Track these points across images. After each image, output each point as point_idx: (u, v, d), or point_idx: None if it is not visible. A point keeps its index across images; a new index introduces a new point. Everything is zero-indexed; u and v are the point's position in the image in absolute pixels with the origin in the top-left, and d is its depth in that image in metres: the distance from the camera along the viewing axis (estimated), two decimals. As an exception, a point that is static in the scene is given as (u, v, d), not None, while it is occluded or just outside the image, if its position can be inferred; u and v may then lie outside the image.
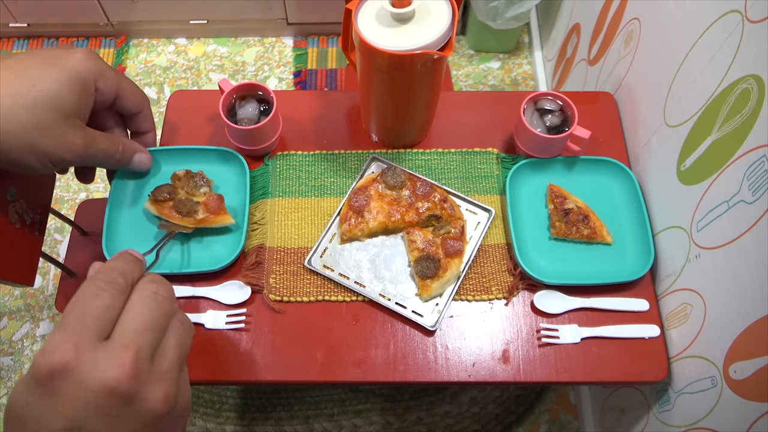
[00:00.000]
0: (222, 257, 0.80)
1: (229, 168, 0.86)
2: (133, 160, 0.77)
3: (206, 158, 0.86)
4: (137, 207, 0.82)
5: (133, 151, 0.76)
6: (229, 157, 0.85)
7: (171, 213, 0.78)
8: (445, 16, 0.71)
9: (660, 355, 0.79)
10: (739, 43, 0.65)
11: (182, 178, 0.81)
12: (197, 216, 0.79)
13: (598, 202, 0.86)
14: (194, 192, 0.80)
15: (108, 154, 0.71)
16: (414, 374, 0.77)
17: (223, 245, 0.81)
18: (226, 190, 0.84)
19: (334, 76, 1.76)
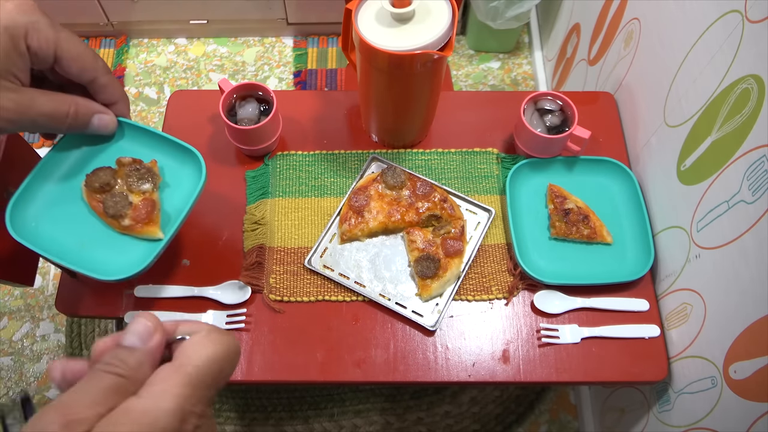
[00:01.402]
0: (127, 265, 0.65)
1: (185, 167, 0.71)
2: (91, 123, 0.63)
3: (165, 149, 0.70)
4: (74, 179, 0.68)
5: (91, 112, 0.62)
6: (188, 156, 0.70)
7: (99, 207, 0.67)
8: (445, 16, 0.71)
9: (660, 355, 0.79)
10: (739, 43, 0.65)
11: (126, 166, 0.68)
12: (123, 222, 0.67)
13: (598, 202, 0.86)
14: (133, 187, 0.68)
15: (54, 117, 0.58)
16: (414, 374, 0.77)
17: (135, 251, 0.67)
18: (173, 191, 0.70)
19: (334, 76, 1.76)
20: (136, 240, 0.68)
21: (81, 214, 0.68)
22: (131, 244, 0.67)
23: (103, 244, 0.67)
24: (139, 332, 0.40)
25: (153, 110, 1.71)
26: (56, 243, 0.66)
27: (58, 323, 1.45)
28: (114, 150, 0.69)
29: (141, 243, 0.67)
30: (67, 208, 0.68)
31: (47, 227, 0.66)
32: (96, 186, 0.67)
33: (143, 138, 0.70)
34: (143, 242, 0.68)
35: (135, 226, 0.67)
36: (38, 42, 0.56)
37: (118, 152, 0.69)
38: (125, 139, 0.69)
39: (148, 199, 0.68)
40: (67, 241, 0.66)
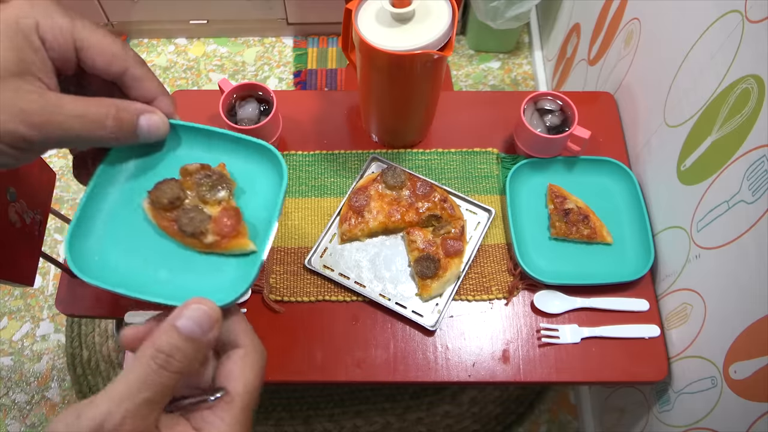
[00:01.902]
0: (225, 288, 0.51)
1: (258, 167, 0.58)
2: (139, 125, 0.49)
3: (233, 149, 0.58)
4: (133, 198, 0.55)
5: (136, 112, 0.49)
6: (263, 153, 0.56)
7: (171, 227, 0.54)
8: (445, 16, 0.71)
9: (660, 355, 0.79)
10: (739, 43, 0.65)
11: (194, 174, 0.56)
12: (205, 239, 0.54)
13: (598, 202, 0.86)
14: (207, 197, 0.55)
15: (90, 120, 0.46)
16: (414, 374, 0.77)
17: (228, 271, 0.53)
18: (250, 197, 0.57)
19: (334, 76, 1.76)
20: (224, 258, 0.54)
21: (150, 238, 0.54)
22: (220, 264, 0.54)
23: (186, 269, 0.54)
24: (199, 320, 0.39)
25: (153, 110, 1.70)
26: (130, 276, 0.52)
27: (58, 323, 1.45)
28: (171, 159, 0.56)
29: (230, 260, 0.54)
30: (132, 234, 0.54)
31: (114, 259, 0.53)
32: (164, 202, 0.54)
33: (201, 139, 0.57)
34: (232, 259, 0.54)
35: (221, 241, 0.54)
36: (52, 33, 0.47)
37: (177, 161, 0.56)
38: (181, 145, 0.56)
39: (228, 208, 0.55)
40: (142, 272, 0.53)
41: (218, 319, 0.40)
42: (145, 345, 0.38)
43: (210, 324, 0.39)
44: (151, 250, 0.54)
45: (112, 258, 0.53)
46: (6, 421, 1.35)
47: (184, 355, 0.38)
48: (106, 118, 0.47)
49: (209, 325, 0.39)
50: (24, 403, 1.37)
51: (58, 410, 1.36)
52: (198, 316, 0.39)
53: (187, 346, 0.38)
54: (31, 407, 1.36)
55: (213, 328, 0.39)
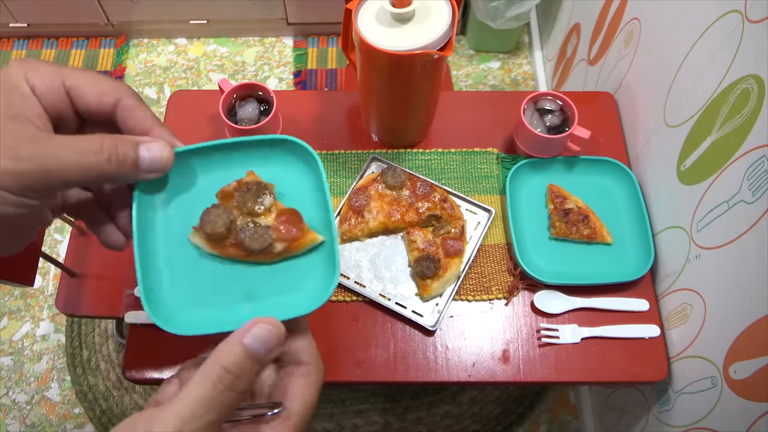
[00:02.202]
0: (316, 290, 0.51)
1: (287, 164, 0.55)
2: (140, 157, 0.45)
3: (250, 155, 0.54)
4: (176, 237, 0.52)
5: (133, 144, 0.45)
6: (286, 149, 0.54)
7: (237, 251, 0.52)
8: (445, 16, 0.71)
9: (660, 355, 0.79)
10: (739, 43, 0.65)
11: (234, 193, 0.53)
12: (274, 249, 0.52)
13: (598, 202, 0.86)
14: (256, 209, 0.53)
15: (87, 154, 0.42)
16: (414, 374, 0.77)
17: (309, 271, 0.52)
18: (292, 195, 0.55)
19: (334, 76, 1.76)
20: (296, 259, 0.53)
21: (217, 269, 0.52)
22: (296, 266, 0.53)
23: (267, 284, 0.52)
24: (266, 339, 0.39)
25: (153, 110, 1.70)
26: (216, 310, 0.50)
27: (58, 323, 1.45)
28: (197, 189, 0.53)
29: (302, 259, 0.53)
30: (198, 273, 0.52)
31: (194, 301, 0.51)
32: (222, 231, 0.51)
33: (216, 157, 0.53)
34: (305, 257, 0.53)
35: (290, 245, 0.53)
36: (41, 79, 0.45)
37: (204, 187, 0.53)
38: (200, 169, 0.53)
39: (282, 212, 0.53)
40: (225, 303, 0.51)
41: (283, 338, 0.40)
42: (210, 364, 0.37)
43: (277, 344, 0.39)
44: (224, 279, 0.52)
45: (192, 301, 0.51)
46: (6, 421, 1.35)
47: (249, 376, 0.38)
48: (102, 150, 0.43)
49: (275, 345, 0.39)
50: (24, 403, 1.36)
51: (58, 410, 1.36)
52: (265, 335, 0.38)
53: (253, 365, 0.38)
54: (31, 407, 1.36)
55: (277, 348, 0.39)
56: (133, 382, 0.77)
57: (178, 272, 0.51)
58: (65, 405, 1.37)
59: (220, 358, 0.37)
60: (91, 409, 1.35)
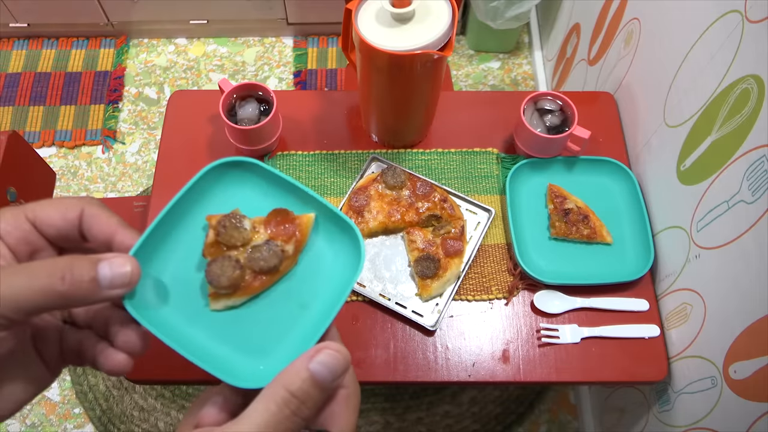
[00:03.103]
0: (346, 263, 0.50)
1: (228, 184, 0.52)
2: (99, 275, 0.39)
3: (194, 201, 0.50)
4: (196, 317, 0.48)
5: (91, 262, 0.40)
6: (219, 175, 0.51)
7: (264, 280, 0.49)
8: (445, 16, 0.71)
9: (660, 355, 0.79)
10: (739, 43, 0.65)
11: (216, 241, 0.49)
12: (289, 253, 0.50)
13: (598, 202, 0.86)
14: (246, 236, 0.50)
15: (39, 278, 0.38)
16: (414, 374, 0.77)
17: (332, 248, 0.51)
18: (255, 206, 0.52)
19: (334, 76, 1.76)
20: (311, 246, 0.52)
21: (259, 312, 0.49)
22: (316, 252, 0.52)
23: (305, 285, 0.51)
24: (333, 367, 0.37)
25: (153, 110, 1.71)
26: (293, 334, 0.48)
27: None
28: (180, 267, 0.49)
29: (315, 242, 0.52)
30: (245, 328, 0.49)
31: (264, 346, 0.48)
32: (237, 275, 0.48)
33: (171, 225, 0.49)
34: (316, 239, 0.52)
35: (297, 239, 0.51)
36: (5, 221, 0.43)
37: (187, 260, 0.50)
38: (167, 249, 0.49)
39: (264, 221, 0.51)
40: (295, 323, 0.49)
41: (349, 364, 0.39)
42: (275, 386, 0.37)
43: (343, 369, 0.38)
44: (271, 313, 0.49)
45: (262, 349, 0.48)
46: (6, 421, 1.35)
47: (314, 403, 0.37)
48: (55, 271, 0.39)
49: (341, 371, 0.38)
50: (24, 403, 1.36)
51: (58, 410, 1.36)
52: (331, 361, 0.37)
53: (318, 392, 0.37)
54: (31, 407, 1.36)
55: (344, 374, 0.38)
56: (134, 382, 0.77)
57: (227, 342, 0.47)
58: (65, 405, 1.37)
59: (288, 383, 0.36)
60: (91, 409, 1.35)
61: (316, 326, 0.46)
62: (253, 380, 0.42)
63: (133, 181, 1.60)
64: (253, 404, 0.36)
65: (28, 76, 1.73)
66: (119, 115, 1.70)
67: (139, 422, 1.34)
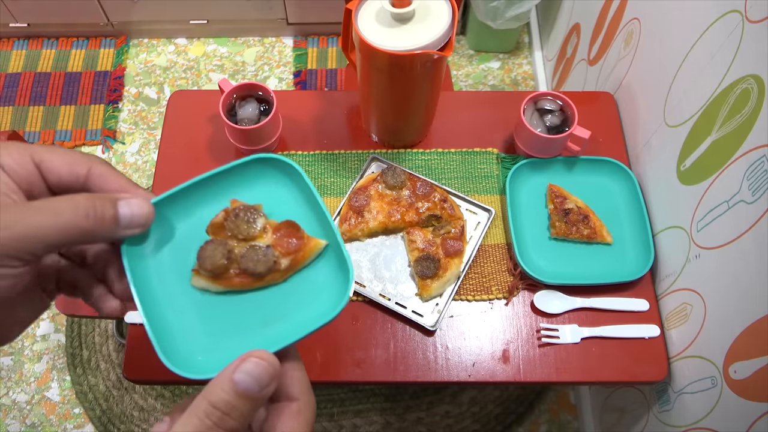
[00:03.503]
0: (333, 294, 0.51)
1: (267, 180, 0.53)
2: (119, 214, 0.44)
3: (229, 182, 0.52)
4: (178, 285, 0.50)
5: (112, 201, 0.44)
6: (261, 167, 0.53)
7: (244, 280, 0.50)
8: (445, 16, 0.71)
9: (660, 355, 0.79)
10: (739, 43, 0.65)
11: (224, 223, 0.51)
12: (281, 267, 0.50)
13: (598, 202, 0.86)
14: (251, 233, 0.51)
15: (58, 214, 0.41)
16: (414, 374, 0.77)
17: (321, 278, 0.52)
18: (282, 210, 0.53)
19: (334, 76, 1.76)
20: (306, 271, 0.52)
21: (227, 307, 0.50)
22: (308, 279, 0.52)
23: (283, 305, 0.51)
24: (257, 375, 0.36)
25: (153, 110, 1.71)
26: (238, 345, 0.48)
27: (58, 323, 1.45)
28: (185, 233, 0.51)
29: (312, 270, 0.52)
30: (209, 315, 0.50)
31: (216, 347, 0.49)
32: (222, 263, 0.49)
33: (198, 194, 0.51)
34: (314, 267, 0.52)
35: (297, 257, 0.51)
36: (10, 157, 0.45)
37: (194, 229, 0.51)
38: (182, 213, 0.51)
39: (276, 227, 0.52)
40: (244, 336, 0.49)
41: (278, 373, 0.38)
42: (199, 399, 0.36)
43: (269, 379, 0.37)
44: (237, 313, 0.50)
45: (208, 343, 0.49)
46: (6, 421, 1.35)
47: (240, 414, 0.36)
48: (79, 208, 0.42)
49: (268, 381, 0.37)
50: (24, 403, 1.37)
51: (58, 410, 1.36)
52: (256, 371, 0.36)
53: (243, 403, 0.36)
54: (31, 407, 1.36)
55: (271, 384, 0.37)
56: (133, 382, 0.77)
57: (188, 318, 0.49)
58: (65, 405, 1.37)
59: (209, 394, 0.36)
60: (91, 409, 1.35)
61: (269, 344, 0.44)
62: (183, 366, 0.44)
63: (133, 181, 1.60)
64: (181, 417, 0.36)
65: (28, 76, 1.73)
66: (119, 115, 1.70)
67: (139, 422, 1.34)
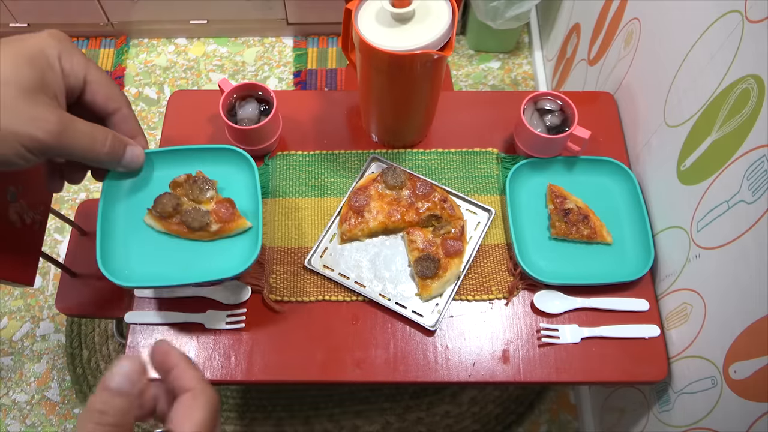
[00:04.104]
0: (240, 261, 0.69)
1: (230, 167, 0.74)
2: (125, 155, 0.63)
3: (202, 158, 0.73)
4: (134, 216, 0.69)
5: (124, 144, 0.62)
6: (230, 155, 0.73)
7: (180, 228, 0.69)
8: (445, 16, 0.71)
9: (660, 355, 0.79)
10: (739, 43, 0.65)
11: (183, 184, 0.71)
12: (211, 229, 0.69)
13: (598, 202, 0.86)
14: (200, 198, 0.71)
15: (93, 140, 0.58)
16: (414, 374, 0.77)
17: (238, 248, 0.70)
18: (231, 190, 0.74)
19: (334, 76, 1.76)
20: (230, 239, 0.71)
21: (164, 243, 0.70)
22: (228, 245, 0.71)
23: (204, 257, 0.70)
24: (125, 374, 0.42)
25: (153, 110, 1.71)
26: (160, 274, 0.68)
27: (58, 323, 1.45)
28: (156, 180, 0.71)
29: (236, 240, 0.71)
30: (147, 244, 0.69)
31: (142, 268, 0.68)
32: (169, 211, 0.68)
33: (174, 158, 0.71)
34: (237, 237, 0.71)
35: (224, 226, 0.70)
36: (71, 64, 0.57)
37: (161, 180, 0.71)
38: (158, 167, 0.71)
39: (221, 201, 0.71)
40: (168, 269, 0.68)
41: (143, 369, 0.44)
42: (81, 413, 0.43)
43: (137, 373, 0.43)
44: (168, 250, 0.69)
45: (142, 268, 0.68)
46: (6, 421, 1.35)
47: (116, 410, 0.41)
48: (104, 142, 0.59)
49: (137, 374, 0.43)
50: (24, 403, 1.37)
51: (58, 410, 1.36)
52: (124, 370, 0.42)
53: (118, 400, 0.41)
54: (31, 407, 1.36)
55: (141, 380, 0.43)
56: (133, 382, 0.77)
57: (130, 242, 0.69)
58: (65, 405, 1.37)
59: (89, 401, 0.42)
60: (91, 409, 1.35)
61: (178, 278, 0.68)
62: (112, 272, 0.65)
63: (133, 181, 1.60)
64: None
65: (28, 76, 1.73)
66: (119, 115, 1.69)
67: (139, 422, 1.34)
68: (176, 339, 0.79)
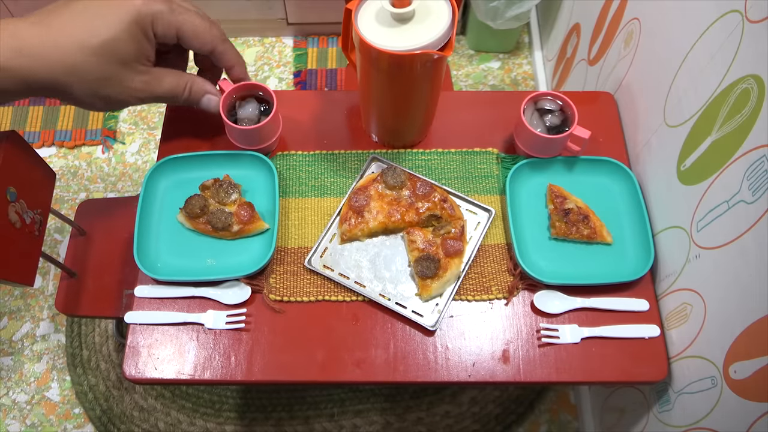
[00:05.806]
0: (256, 259, 0.80)
1: (251, 170, 0.87)
2: (201, 102, 0.80)
3: (228, 163, 0.86)
4: (168, 214, 0.84)
5: (203, 92, 0.79)
6: (253, 161, 0.86)
7: (206, 227, 0.81)
8: (445, 16, 0.71)
9: (660, 355, 0.79)
10: (739, 43, 0.65)
11: (211, 187, 0.82)
12: (232, 229, 0.80)
13: (598, 202, 0.86)
14: (225, 200, 0.81)
15: (174, 93, 0.75)
16: (414, 374, 0.77)
17: (255, 247, 0.82)
18: (253, 193, 0.86)
19: (334, 76, 1.76)
20: (249, 239, 0.83)
21: (192, 239, 0.82)
22: (247, 244, 0.82)
23: (226, 254, 0.82)
24: None
25: (153, 110, 1.71)
26: (187, 268, 0.80)
27: (58, 323, 1.45)
28: (189, 182, 0.85)
29: (254, 239, 0.83)
30: (177, 241, 0.82)
31: (172, 262, 0.81)
32: (197, 212, 0.80)
33: (206, 163, 0.86)
34: (255, 238, 0.83)
35: (244, 228, 0.80)
36: (163, 29, 0.69)
37: (195, 182, 0.84)
38: (193, 169, 0.86)
39: (242, 204, 0.81)
40: (194, 264, 0.81)
41: None
42: None
43: None
44: (195, 248, 0.82)
45: (172, 261, 0.81)
46: (6, 421, 1.35)
47: None
48: (183, 92, 0.77)
49: None
50: (24, 403, 1.37)
51: (58, 410, 1.36)
52: None
53: None
54: (31, 407, 1.36)
55: None
56: (134, 382, 0.77)
57: (162, 236, 0.82)
58: (65, 405, 1.37)
59: None
60: (91, 409, 1.35)
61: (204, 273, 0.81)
62: (146, 265, 0.79)
63: (133, 181, 1.61)
64: None
65: (28, 76, 1.73)
66: (119, 115, 1.70)
67: (139, 422, 1.34)
68: (176, 339, 0.79)
